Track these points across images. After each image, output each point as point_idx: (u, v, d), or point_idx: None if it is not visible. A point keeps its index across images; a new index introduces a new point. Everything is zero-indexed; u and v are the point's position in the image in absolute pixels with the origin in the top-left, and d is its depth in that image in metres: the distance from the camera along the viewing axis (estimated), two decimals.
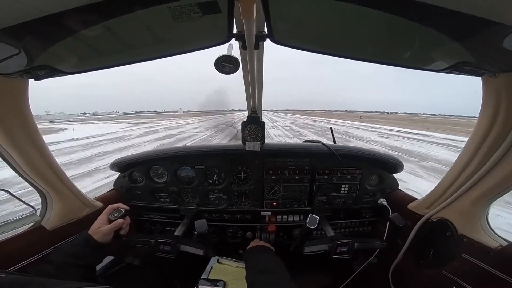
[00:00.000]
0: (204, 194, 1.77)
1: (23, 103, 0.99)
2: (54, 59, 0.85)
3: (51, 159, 1.19)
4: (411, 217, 1.44)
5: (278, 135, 22.46)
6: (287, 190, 1.73)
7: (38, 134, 1.10)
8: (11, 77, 0.89)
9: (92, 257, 1.05)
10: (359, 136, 23.09)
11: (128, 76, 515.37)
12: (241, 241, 1.85)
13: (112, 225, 1.13)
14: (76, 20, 0.64)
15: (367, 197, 1.77)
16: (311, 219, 1.30)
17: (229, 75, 0.97)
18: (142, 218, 1.85)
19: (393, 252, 1.49)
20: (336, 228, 1.81)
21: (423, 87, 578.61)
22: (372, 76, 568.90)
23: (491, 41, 0.67)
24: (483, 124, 1.03)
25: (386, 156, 1.74)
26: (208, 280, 1.32)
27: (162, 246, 1.37)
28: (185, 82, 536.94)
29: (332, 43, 0.98)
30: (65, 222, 1.30)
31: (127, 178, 1.76)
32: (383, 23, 0.72)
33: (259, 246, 1.33)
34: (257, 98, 1.50)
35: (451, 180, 1.24)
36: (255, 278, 1.05)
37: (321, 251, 1.40)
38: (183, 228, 1.60)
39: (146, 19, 0.71)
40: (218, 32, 0.84)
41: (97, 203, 1.51)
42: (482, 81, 0.98)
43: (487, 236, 1.11)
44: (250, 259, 1.22)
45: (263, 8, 0.69)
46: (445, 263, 1.22)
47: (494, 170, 1.03)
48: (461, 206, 1.19)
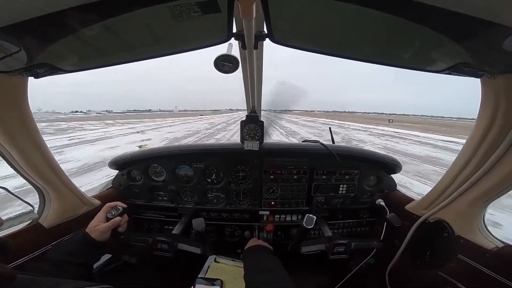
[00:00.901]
0: (202, 193, 1.77)
1: (22, 101, 0.99)
2: (54, 57, 0.85)
3: (49, 156, 1.19)
4: (408, 217, 1.44)
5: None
6: (285, 190, 1.74)
7: (37, 132, 1.10)
8: (11, 75, 0.89)
9: (89, 255, 1.05)
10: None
11: (126, 74, 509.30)
12: (239, 240, 1.85)
13: (109, 223, 1.13)
14: (76, 19, 0.63)
15: (365, 197, 1.77)
16: (308, 218, 1.30)
17: (229, 74, 0.97)
18: (140, 216, 1.85)
19: (390, 252, 1.49)
20: (334, 228, 1.81)
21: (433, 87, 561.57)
22: (382, 76, 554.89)
23: (491, 42, 0.67)
24: (481, 126, 1.03)
25: (384, 156, 1.74)
26: (206, 279, 1.32)
27: (159, 244, 1.37)
28: (184, 82, 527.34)
29: (331, 43, 0.98)
30: (62, 220, 1.30)
31: (126, 176, 1.76)
32: (383, 23, 0.72)
33: (257, 246, 1.33)
34: (256, 98, 1.50)
35: (448, 181, 1.24)
36: (254, 278, 1.05)
37: (318, 250, 1.41)
38: (181, 227, 1.60)
39: (145, 18, 0.71)
40: (217, 31, 0.84)
41: (95, 201, 1.50)
42: (481, 82, 0.98)
43: (484, 238, 1.12)
44: (248, 258, 1.23)
45: (262, 7, 0.69)
46: (442, 264, 1.22)
47: (492, 171, 1.03)
48: (458, 207, 1.19)
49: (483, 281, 1.03)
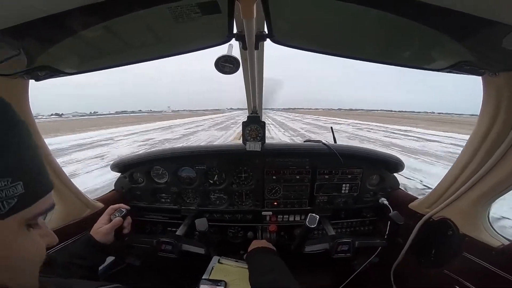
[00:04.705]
0: (205, 195, 1.77)
1: (23, 103, 1.00)
2: (55, 60, 0.85)
3: (51, 159, 1.19)
4: (412, 216, 1.43)
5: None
6: (288, 190, 1.73)
7: (38, 134, 1.10)
8: (11, 78, 0.89)
9: (95, 258, 1.05)
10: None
11: (121, 73, 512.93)
12: (242, 241, 1.85)
13: (111, 224, 1.13)
14: (76, 21, 0.64)
15: (368, 196, 1.77)
16: (310, 218, 1.30)
17: (229, 75, 0.97)
18: (143, 218, 1.85)
19: (394, 251, 1.49)
20: (337, 228, 1.81)
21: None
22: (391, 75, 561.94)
23: (492, 40, 0.67)
24: (483, 123, 1.03)
25: (386, 155, 1.74)
26: (210, 280, 1.32)
27: (164, 245, 1.37)
28: (183, 81, 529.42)
29: (332, 43, 0.98)
30: (66, 223, 1.30)
31: (128, 179, 1.76)
32: (384, 22, 0.72)
33: (260, 248, 1.33)
34: (258, 98, 1.50)
35: (452, 179, 1.23)
36: (258, 280, 1.05)
37: (322, 250, 1.40)
38: (184, 228, 1.60)
39: (146, 19, 0.71)
40: (218, 32, 0.84)
41: (98, 204, 1.51)
42: (482, 80, 0.98)
43: (489, 235, 1.11)
44: (252, 261, 1.22)
45: (263, 8, 0.69)
46: (447, 262, 1.22)
47: (495, 169, 1.03)
48: (462, 205, 1.19)
49: (489, 278, 1.02)
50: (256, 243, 1.40)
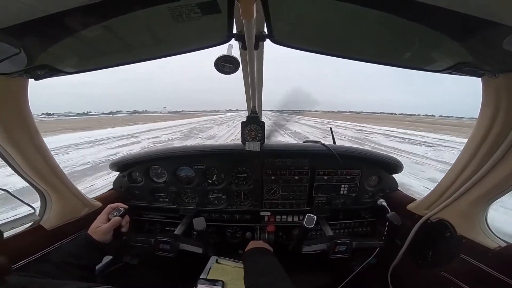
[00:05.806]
0: (204, 194, 1.77)
1: (23, 102, 0.99)
2: (54, 59, 0.85)
3: (50, 158, 1.19)
4: (410, 217, 1.44)
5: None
6: (286, 191, 1.73)
7: (37, 133, 1.10)
8: (11, 77, 0.89)
9: (91, 257, 1.05)
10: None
11: (120, 73, 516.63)
12: (240, 241, 1.85)
13: (109, 223, 1.13)
14: (76, 20, 0.63)
15: (366, 197, 1.77)
16: (308, 218, 1.30)
17: (229, 75, 0.97)
18: (142, 218, 1.85)
19: (392, 252, 1.49)
20: (335, 228, 1.81)
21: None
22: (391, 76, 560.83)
23: (491, 41, 0.67)
24: (482, 125, 1.03)
25: (385, 156, 1.74)
26: (207, 280, 1.32)
27: (162, 244, 1.37)
28: (182, 81, 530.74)
29: (332, 44, 0.98)
30: (64, 222, 1.30)
31: (126, 178, 1.75)
32: (383, 23, 0.72)
33: (256, 248, 1.33)
34: (257, 98, 1.50)
35: (450, 181, 1.24)
36: (253, 281, 1.05)
37: (319, 250, 1.40)
38: (182, 228, 1.60)
39: (146, 19, 0.71)
40: (218, 32, 0.84)
41: (96, 203, 1.50)
42: (482, 81, 0.98)
43: (486, 237, 1.11)
44: (248, 261, 1.22)
45: (263, 8, 0.69)
46: (444, 264, 1.22)
47: (493, 171, 1.03)
48: (460, 207, 1.19)
49: (486, 280, 1.02)
50: (253, 244, 1.40)
